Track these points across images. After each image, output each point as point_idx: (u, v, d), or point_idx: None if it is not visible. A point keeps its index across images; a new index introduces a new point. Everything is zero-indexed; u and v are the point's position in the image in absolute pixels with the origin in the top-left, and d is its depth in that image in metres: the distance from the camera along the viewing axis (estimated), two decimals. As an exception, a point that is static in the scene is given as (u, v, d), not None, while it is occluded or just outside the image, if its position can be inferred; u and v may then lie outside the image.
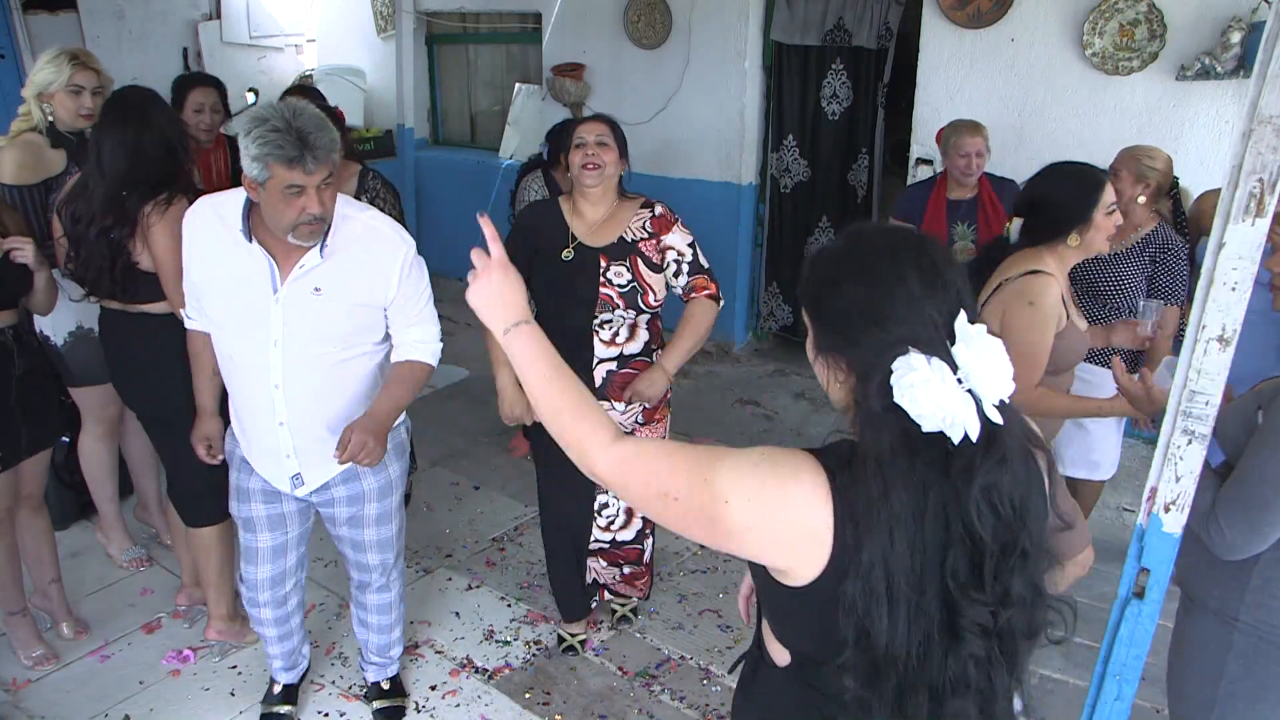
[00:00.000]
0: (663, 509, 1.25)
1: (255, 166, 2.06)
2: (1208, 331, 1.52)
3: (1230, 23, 3.90)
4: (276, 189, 2.08)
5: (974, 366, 1.15)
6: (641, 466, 1.27)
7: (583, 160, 2.71)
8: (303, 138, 2.04)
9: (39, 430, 2.87)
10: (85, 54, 3.21)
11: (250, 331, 2.28)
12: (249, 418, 2.43)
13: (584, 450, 1.30)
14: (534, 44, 6.58)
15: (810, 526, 1.18)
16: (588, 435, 1.30)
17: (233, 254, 2.25)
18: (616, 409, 2.87)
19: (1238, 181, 1.44)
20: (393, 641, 2.86)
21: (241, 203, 2.23)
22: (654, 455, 1.28)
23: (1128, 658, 1.79)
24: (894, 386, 1.14)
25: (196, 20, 7.00)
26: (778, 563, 1.24)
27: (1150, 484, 1.66)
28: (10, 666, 3.02)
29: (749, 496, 1.20)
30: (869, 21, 5.14)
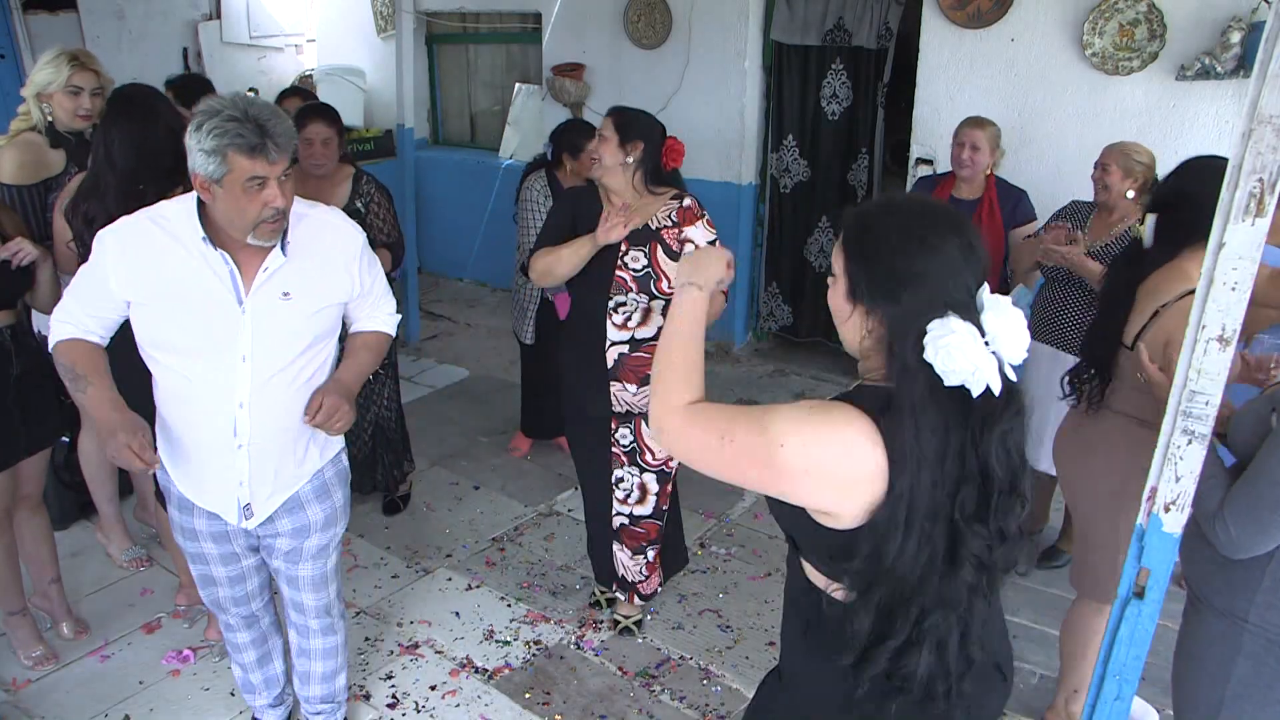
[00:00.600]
0: (720, 451, 1.41)
1: (211, 161, 1.92)
2: (1207, 331, 1.52)
3: (1230, 23, 3.90)
4: (236, 184, 1.94)
5: (999, 331, 1.34)
6: (704, 417, 1.45)
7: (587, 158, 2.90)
8: (261, 126, 1.92)
9: (38, 430, 2.87)
10: (85, 55, 3.19)
11: (214, 350, 2.10)
12: (195, 447, 2.21)
13: (662, 404, 1.49)
14: (534, 44, 6.59)
15: (866, 470, 1.33)
16: (680, 389, 1.48)
17: (184, 267, 2.06)
18: (629, 390, 2.93)
19: (1238, 181, 1.44)
20: (337, 690, 2.72)
21: (192, 208, 2.06)
22: (716, 409, 1.46)
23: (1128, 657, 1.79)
24: (926, 344, 1.31)
25: (196, 20, 7.00)
26: (828, 505, 1.38)
27: (1150, 484, 1.66)
28: (10, 666, 3.02)
29: (804, 442, 1.35)
30: (869, 21, 5.14)
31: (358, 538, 3.86)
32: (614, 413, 3.00)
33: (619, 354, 2.90)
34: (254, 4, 7.25)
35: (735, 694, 3.01)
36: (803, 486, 1.38)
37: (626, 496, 3.12)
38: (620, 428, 3.04)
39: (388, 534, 3.90)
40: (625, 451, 3.06)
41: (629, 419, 3.02)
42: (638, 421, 3.02)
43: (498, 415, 4.98)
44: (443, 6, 6.96)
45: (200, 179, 1.97)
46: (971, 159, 3.73)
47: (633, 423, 3.03)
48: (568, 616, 3.38)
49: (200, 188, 1.99)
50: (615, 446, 3.07)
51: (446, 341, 6.23)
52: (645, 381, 2.89)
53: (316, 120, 3.45)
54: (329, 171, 3.51)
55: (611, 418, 3.02)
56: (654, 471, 3.08)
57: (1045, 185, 3.98)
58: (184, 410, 2.18)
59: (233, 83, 7.16)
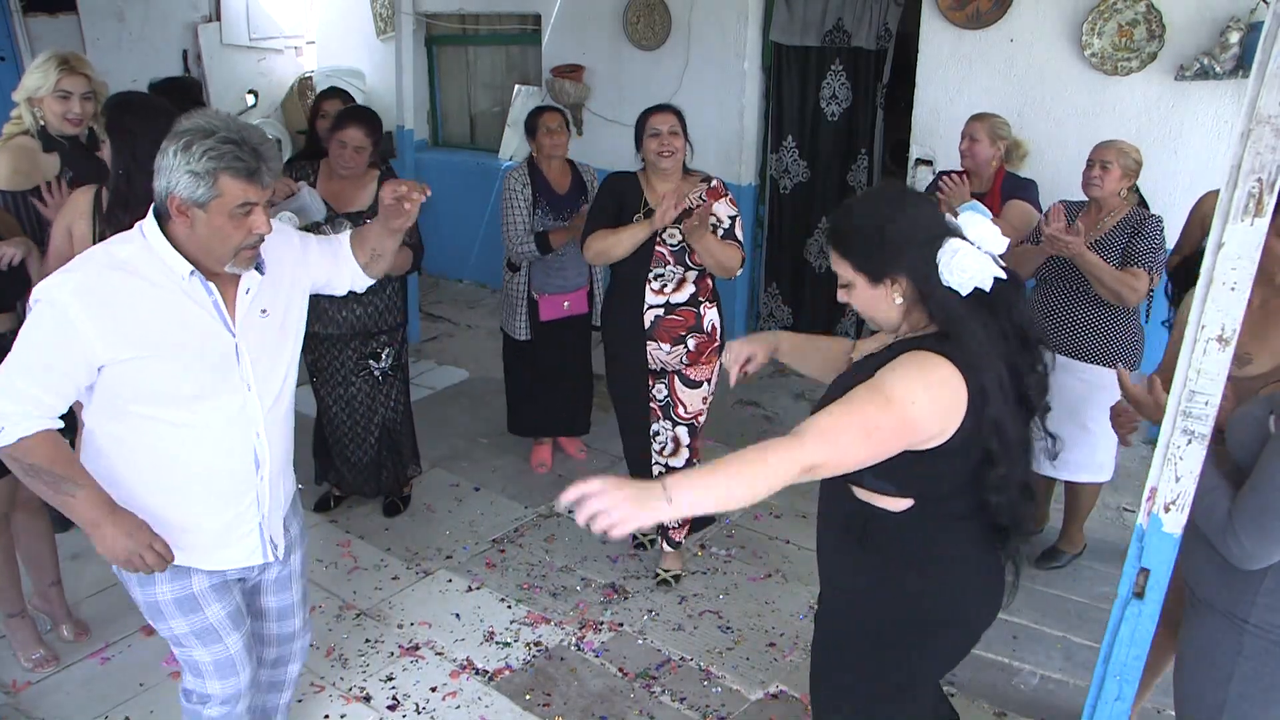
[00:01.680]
0: (869, 444, 1.62)
1: (199, 184, 1.80)
2: (1207, 331, 1.52)
3: (1229, 23, 3.90)
4: (224, 209, 1.83)
5: (980, 235, 1.71)
6: (832, 430, 1.61)
7: (658, 148, 3.22)
8: (256, 150, 1.83)
9: None
10: (76, 58, 3.15)
11: (223, 386, 1.98)
12: (210, 498, 2.06)
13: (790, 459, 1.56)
14: (533, 45, 6.59)
15: (959, 396, 1.65)
16: (787, 461, 1.56)
17: (165, 308, 1.90)
18: (663, 349, 3.31)
19: (1237, 181, 1.44)
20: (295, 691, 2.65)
21: (153, 242, 1.89)
22: (833, 417, 1.63)
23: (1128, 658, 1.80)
24: (941, 271, 1.67)
25: (196, 22, 7.01)
26: (936, 431, 1.66)
27: (1150, 484, 1.67)
28: (10, 668, 3.02)
29: (924, 389, 1.63)
30: (868, 22, 5.14)
31: (358, 539, 3.86)
32: (650, 370, 3.35)
33: (655, 316, 3.28)
34: (254, 6, 7.26)
35: (735, 695, 3.01)
36: (935, 427, 1.65)
37: (662, 449, 3.47)
38: (655, 384, 3.38)
39: (388, 535, 3.90)
40: (660, 406, 3.41)
41: (663, 375, 3.37)
42: (671, 378, 3.37)
43: (498, 417, 4.97)
44: (442, 8, 6.96)
45: (179, 201, 1.82)
46: (970, 150, 3.73)
47: (667, 379, 3.37)
48: (568, 618, 3.38)
49: (176, 211, 1.84)
50: (652, 401, 3.41)
51: (446, 343, 6.23)
52: (677, 341, 3.30)
53: (355, 125, 3.47)
54: (357, 175, 3.53)
55: (648, 374, 3.35)
56: (685, 425, 3.43)
57: (1044, 185, 3.97)
58: (197, 462, 2.01)
59: (233, 85, 7.17)
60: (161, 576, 2.05)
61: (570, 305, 4.14)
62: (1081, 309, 3.32)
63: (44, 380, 1.84)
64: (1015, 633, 3.29)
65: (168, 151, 1.82)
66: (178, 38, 6.93)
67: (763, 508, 4.03)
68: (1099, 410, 3.32)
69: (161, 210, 1.88)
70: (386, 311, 3.70)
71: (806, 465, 1.56)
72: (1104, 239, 3.26)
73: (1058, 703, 2.96)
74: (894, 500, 1.78)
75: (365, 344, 3.72)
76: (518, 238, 3.90)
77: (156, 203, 1.89)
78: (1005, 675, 3.09)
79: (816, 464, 1.58)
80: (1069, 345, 3.35)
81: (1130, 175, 3.29)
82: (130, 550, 1.90)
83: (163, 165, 1.83)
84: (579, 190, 4.06)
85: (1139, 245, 3.21)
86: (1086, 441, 3.39)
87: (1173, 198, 4.08)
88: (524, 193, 3.92)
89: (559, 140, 3.95)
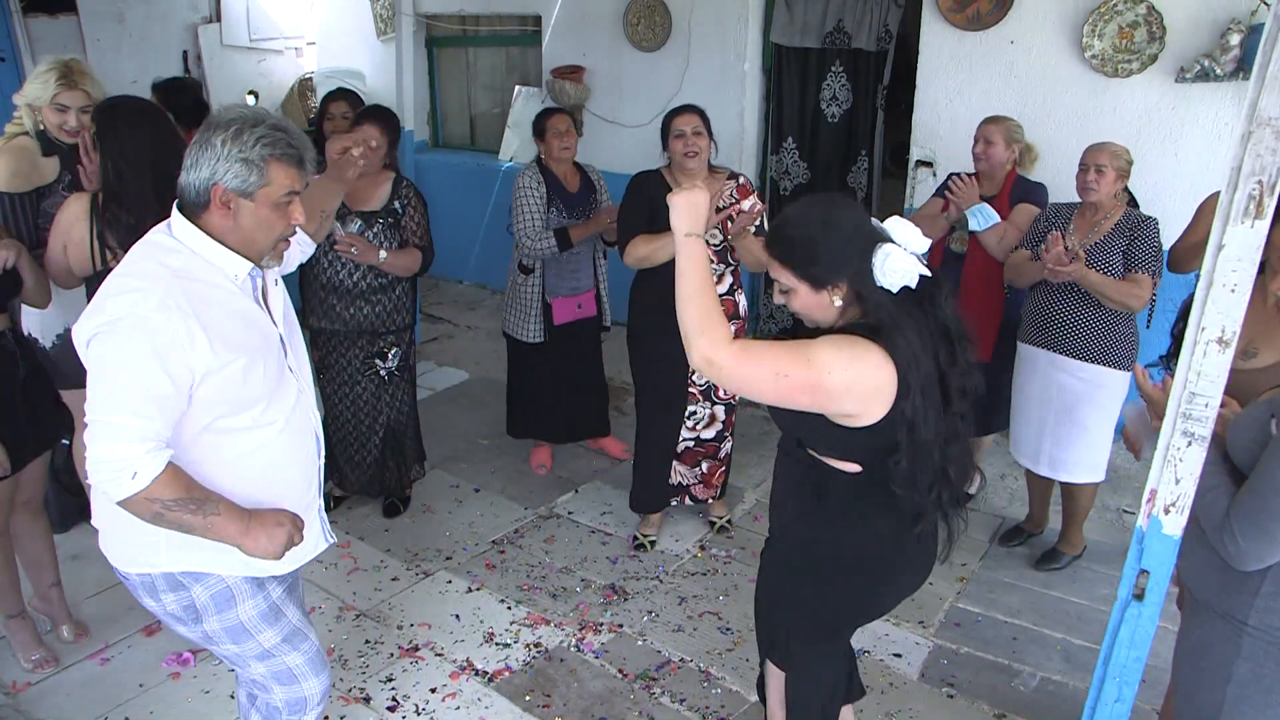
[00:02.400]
0: (775, 384, 1.81)
1: (250, 172, 1.76)
2: (1207, 333, 1.53)
3: (1229, 25, 3.90)
4: (270, 199, 1.80)
5: (905, 238, 1.89)
6: (755, 356, 1.82)
7: (684, 149, 3.36)
8: (301, 138, 1.84)
9: (43, 433, 2.88)
10: (78, 71, 3.12)
11: (285, 377, 1.96)
12: (290, 493, 2.03)
13: (711, 341, 1.80)
14: (534, 46, 6.59)
15: (886, 379, 1.82)
16: (715, 331, 1.80)
17: (232, 308, 1.84)
18: None
19: (1237, 183, 1.44)
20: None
21: (197, 243, 1.82)
22: (762, 347, 1.84)
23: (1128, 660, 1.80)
24: (876, 274, 1.84)
25: (196, 23, 7.00)
26: (858, 410, 1.85)
27: (1150, 486, 1.67)
28: (10, 669, 3.02)
29: (845, 366, 1.80)
30: (868, 24, 5.14)
31: (358, 540, 3.85)
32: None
33: None
34: (254, 7, 7.26)
35: (735, 696, 3.00)
36: (846, 400, 1.84)
37: (696, 424, 3.72)
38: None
39: (388, 536, 3.90)
40: (701, 390, 3.66)
41: None
42: None
43: (498, 418, 4.97)
44: (442, 9, 6.96)
45: (223, 191, 1.77)
46: (985, 153, 3.72)
47: None
48: (568, 619, 3.38)
49: (219, 203, 1.78)
50: (692, 386, 3.63)
51: (446, 344, 6.23)
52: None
53: (371, 123, 3.53)
54: (372, 173, 3.54)
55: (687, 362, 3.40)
56: (724, 404, 3.74)
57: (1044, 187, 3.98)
58: (276, 461, 1.97)
59: (233, 85, 7.17)
60: (242, 595, 2.00)
61: (583, 307, 4.15)
62: (1078, 309, 3.32)
63: (156, 409, 1.73)
64: (1015, 634, 3.29)
65: (212, 141, 1.76)
66: (178, 39, 6.93)
67: (762, 509, 4.03)
68: (1096, 409, 3.36)
69: (195, 204, 1.80)
70: (395, 311, 3.71)
71: (716, 358, 1.79)
72: (1103, 242, 3.28)
73: (1057, 704, 2.96)
74: (845, 464, 2.01)
75: (372, 343, 3.73)
76: (535, 235, 3.88)
77: (190, 197, 1.81)
78: (1005, 677, 3.09)
79: (722, 365, 1.79)
80: (1066, 345, 3.36)
81: (1124, 177, 3.33)
82: (285, 538, 1.88)
83: (205, 155, 1.76)
84: (589, 189, 4.09)
85: (1139, 250, 3.23)
86: (1084, 440, 3.40)
87: (1173, 199, 4.08)
88: (539, 190, 3.92)
89: (569, 142, 3.96)
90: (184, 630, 2.04)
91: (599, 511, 4.12)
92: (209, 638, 2.04)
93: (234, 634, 2.02)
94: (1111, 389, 3.35)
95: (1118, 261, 3.25)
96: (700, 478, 3.84)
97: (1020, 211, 3.66)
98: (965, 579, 3.62)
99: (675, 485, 3.84)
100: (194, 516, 1.78)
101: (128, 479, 1.71)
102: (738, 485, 4.27)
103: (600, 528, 4.00)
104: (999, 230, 3.57)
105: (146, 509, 1.76)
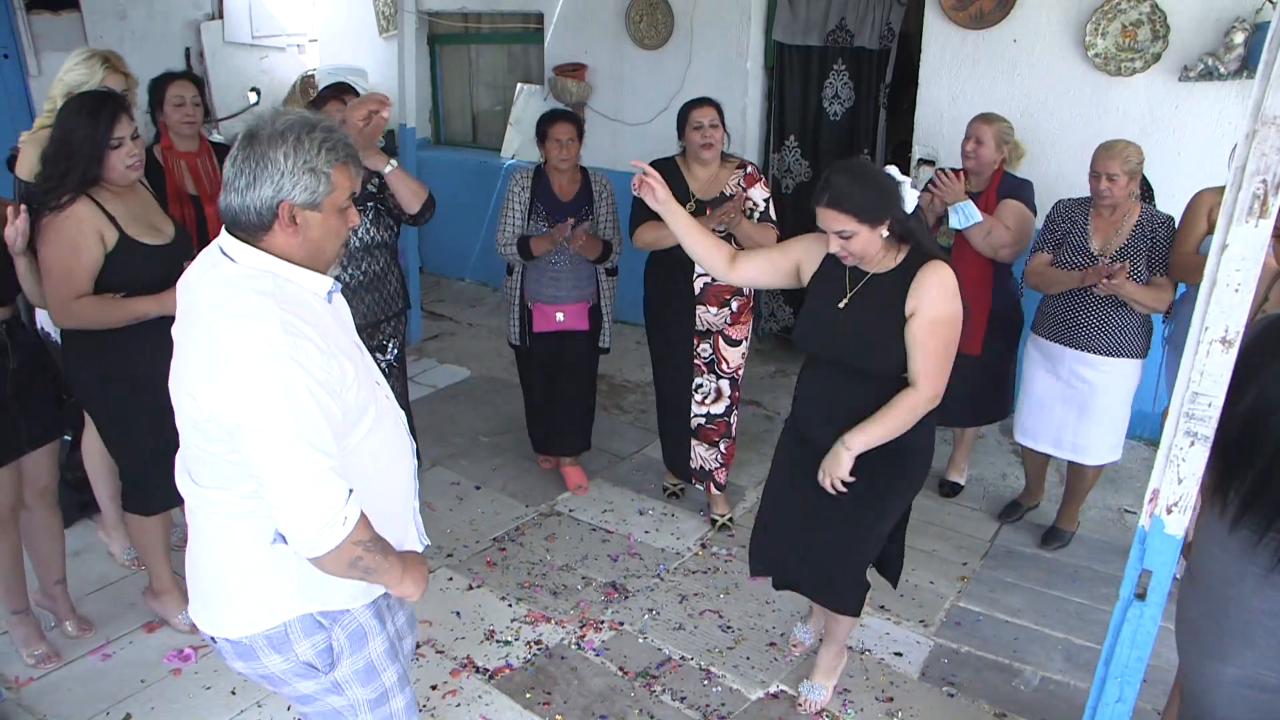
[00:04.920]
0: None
1: (319, 182, 1.62)
2: (1210, 333, 1.52)
3: (1234, 23, 3.90)
4: (335, 205, 1.67)
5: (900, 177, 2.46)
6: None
7: (701, 139, 3.57)
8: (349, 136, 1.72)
9: (40, 423, 2.86)
10: (116, 57, 3.22)
11: (378, 389, 1.84)
12: (404, 504, 1.95)
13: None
14: (536, 44, 6.58)
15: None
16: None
17: (329, 325, 1.70)
18: (711, 311, 3.74)
19: (1241, 183, 1.43)
20: None
21: (274, 266, 1.65)
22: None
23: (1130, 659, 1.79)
24: (905, 203, 2.41)
25: (199, 20, 7.00)
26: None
27: (1152, 486, 1.66)
28: (13, 664, 3.02)
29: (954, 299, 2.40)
30: (871, 22, 5.14)
31: (359, 537, 3.85)
32: (696, 330, 3.76)
33: (704, 283, 3.69)
34: (256, 4, 7.25)
35: (736, 694, 3.00)
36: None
37: (704, 398, 3.89)
38: (701, 343, 3.80)
39: (389, 534, 3.90)
40: (705, 363, 3.84)
41: (708, 336, 3.78)
42: (715, 337, 3.78)
43: (499, 415, 4.98)
44: (445, 6, 6.96)
45: (291, 208, 1.62)
46: (975, 152, 3.72)
47: (711, 339, 3.78)
48: (569, 617, 3.38)
49: (286, 221, 1.62)
50: (697, 359, 3.81)
51: (448, 341, 6.23)
52: (723, 304, 3.73)
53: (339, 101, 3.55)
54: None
55: (695, 335, 3.78)
56: (727, 378, 3.86)
57: (1047, 186, 3.97)
58: (390, 466, 1.87)
59: (235, 82, 7.16)
60: (372, 632, 1.87)
61: (565, 319, 3.97)
62: (1102, 311, 3.43)
63: (334, 444, 1.59)
64: (1016, 634, 3.29)
65: (272, 157, 1.59)
66: (180, 35, 6.93)
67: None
68: (1117, 395, 3.54)
69: (256, 226, 1.64)
70: (394, 297, 3.59)
71: (930, 398, 2.41)
72: (1127, 246, 3.37)
73: (1058, 704, 2.95)
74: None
75: (373, 336, 3.69)
76: (504, 240, 3.85)
77: (249, 219, 1.63)
78: (1006, 676, 3.09)
79: (936, 394, 2.41)
80: (1092, 343, 3.47)
81: (1136, 177, 3.35)
82: (425, 575, 1.80)
83: (266, 172, 1.60)
84: (585, 200, 3.93)
85: (1160, 254, 3.35)
86: (1105, 425, 3.57)
87: (1176, 199, 4.06)
88: (522, 195, 3.86)
89: (568, 154, 3.83)
90: (304, 686, 1.85)
91: (600, 509, 4.12)
92: (335, 686, 1.86)
93: (364, 675, 1.88)
94: (1131, 376, 3.53)
95: (1143, 265, 3.34)
96: (720, 459, 3.97)
97: (1006, 208, 3.68)
98: (966, 578, 3.62)
99: (698, 470, 4.00)
100: (381, 556, 1.65)
101: (340, 527, 1.57)
102: (738, 483, 4.27)
103: (601, 525, 4.00)
104: (984, 227, 3.59)
105: (348, 555, 1.61)
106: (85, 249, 2.65)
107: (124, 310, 2.73)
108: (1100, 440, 3.59)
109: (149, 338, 2.64)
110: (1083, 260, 3.41)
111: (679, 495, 4.19)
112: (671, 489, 4.21)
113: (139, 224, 2.78)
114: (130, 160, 2.73)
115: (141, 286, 2.77)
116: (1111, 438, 3.61)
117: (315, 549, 1.58)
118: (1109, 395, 3.51)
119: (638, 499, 4.22)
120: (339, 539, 1.57)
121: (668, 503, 4.17)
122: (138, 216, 2.78)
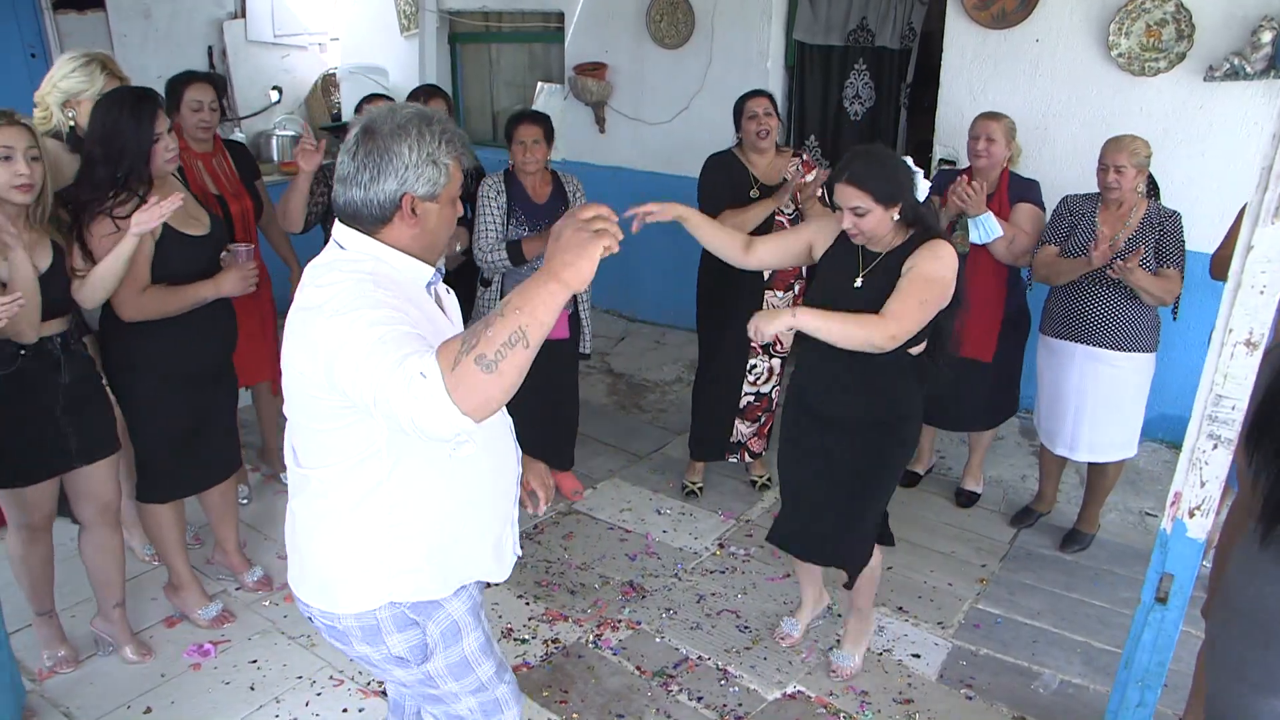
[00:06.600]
0: (924, 311, 2.50)
1: (440, 174, 1.65)
2: (1235, 335, 1.51)
3: (1261, 22, 3.85)
4: (450, 196, 1.71)
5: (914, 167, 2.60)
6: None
7: (757, 128, 3.79)
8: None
9: (92, 437, 2.80)
10: (112, 61, 3.14)
11: None
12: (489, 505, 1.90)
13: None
14: (556, 43, 6.59)
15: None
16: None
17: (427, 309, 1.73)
18: (778, 295, 3.96)
19: (1267, 184, 1.42)
20: None
21: (379, 251, 1.67)
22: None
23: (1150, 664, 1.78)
24: (918, 190, 2.57)
25: (221, 19, 7.06)
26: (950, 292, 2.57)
27: (1174, 489, 1.65)
28: (36, 658, 3.05)
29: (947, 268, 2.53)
30: (892, 21, 5.12)
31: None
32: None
33: (772, 270, 3.84)
34: (278, 3, 7.30)
35: (753, 694, 3.00)
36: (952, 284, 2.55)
37: (757, 379, 4.10)
38: None
39: (407, 531, 3.91)
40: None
41: None
42: None
43: (517, 414, 4.98)
44: (465, 6, 6.98)
45: (413, 200, 1.64)
46: (988, 150, 3.70)
47: None
48: (586, 615, 3.38)
49: (407, 213, 1.65)
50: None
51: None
52: (788, 288, 3.97)
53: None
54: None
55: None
56: (780, 357, 4.11)
57: (1069, 186, 3.93)
58: (479, 470, 1.84)
59: (257, 81, 7.22)
60: (467, 627, 1.90)
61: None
62: (1111, 304, 3.44)
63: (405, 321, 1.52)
64: (1035, 636, 3.27)
65: (396, 150, 1.61)
66: (203, 34, 6.98)
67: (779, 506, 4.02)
68: (1131, 390, 3.55)
69: (377, 219, 1.66)
70: None
71: (891, 334, 2.44)
72: (1134, 237, 3.38)
73: (1078, 708, 2.94)
74: (917, 346, 2.62)
75: None
76: (488, 247, 3.73)
77: (371, 212, 1.65)
78: (1025, 679, 3.07)
79: (897, 334, 2.44)
80: (1103, 338, 3.47)
81: (1143, 171, 3.39)
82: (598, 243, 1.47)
83: (389, 166, 1.62)
84: (559, 201, 3.87)
85: (1169, 245, 3.36)
86: (1120, 421, 3.57)
87: (1200, 200, 4.03)
88: (498, 200, 3.79)
89: (533, 156, 3.78)
90: (399, 672, 1.88)
91: (618, 509, 4.13)
92: (427, 679, 1.89)
93: (457, 670, 1.90)
94: (1144, 370, 3.53)
95: (1151, 256, 3.35)
96: (757, 430, 4.18)
97: (1021, 213, 3.69)
98: (985, 580, 3.60)
99: (734, 443, 4.17)
100: (500, 322, 1.41)
101: (420, 382, 1.35)
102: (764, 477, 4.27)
103: (619, 525, 4.00)
104: (1006, 238, 3.59)
105: (472, 376, 1.36)
106: (142, 243, 2.71)
107: (186, 297, 2.84)
108: (1115, 436, 3.59)
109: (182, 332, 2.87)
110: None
111: (697, 495, 4.21)
112: (690, 488, 4.23)
113: (179, 216, 2.81)
114: (169, 154, 2.81)
115: (184, 276, 2.85)
116: (1126, 433, 3.60)
117: (423, 406, 1.36)
118: (1126, 389, 3.51)
119: (656, 498, 4.22)
120: (431, 389, 1.35)
121: (686, 502, 4.17)
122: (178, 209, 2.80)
